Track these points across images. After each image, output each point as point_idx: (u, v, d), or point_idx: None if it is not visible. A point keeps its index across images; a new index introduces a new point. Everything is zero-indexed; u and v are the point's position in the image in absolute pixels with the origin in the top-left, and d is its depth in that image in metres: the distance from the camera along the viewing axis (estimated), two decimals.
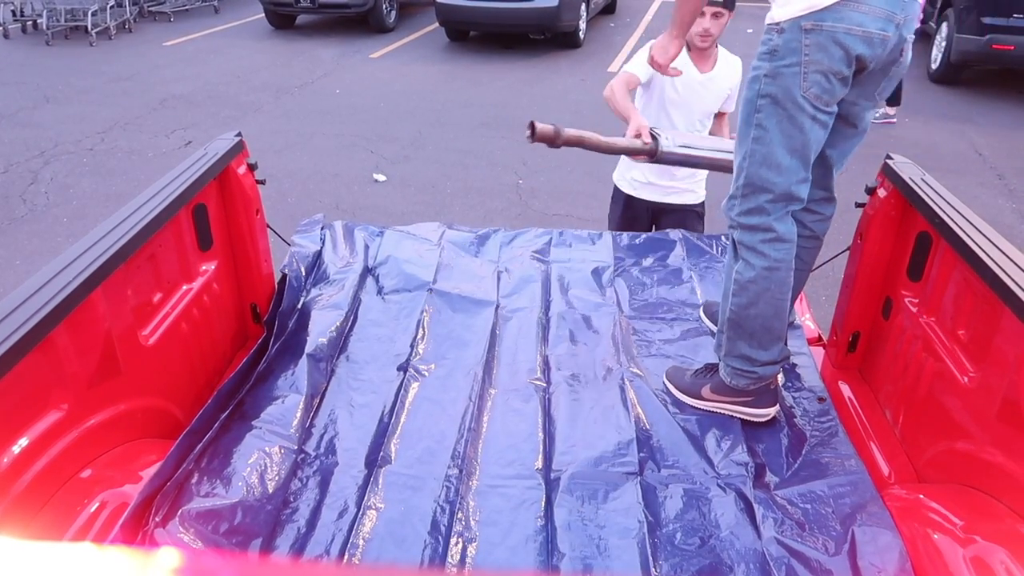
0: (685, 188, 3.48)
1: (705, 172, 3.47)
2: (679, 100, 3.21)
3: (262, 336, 2.54)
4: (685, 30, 2.42)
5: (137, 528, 1.65)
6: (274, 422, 2.08)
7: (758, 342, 2.15)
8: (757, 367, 2.16)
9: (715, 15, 3.04)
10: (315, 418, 2.19)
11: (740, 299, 2.12)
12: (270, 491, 1.87)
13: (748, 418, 2.20)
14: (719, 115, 3.37)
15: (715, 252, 3.09)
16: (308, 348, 2.36)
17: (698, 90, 3.21)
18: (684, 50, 3.13)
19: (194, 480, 1.83)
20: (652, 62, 2.51)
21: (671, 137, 2.62)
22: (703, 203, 3.59)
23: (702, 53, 3.19)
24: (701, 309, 2.73)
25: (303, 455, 2.05)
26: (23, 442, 1.60)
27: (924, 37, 10.00)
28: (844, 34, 1.87)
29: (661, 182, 3.45)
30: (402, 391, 2.31)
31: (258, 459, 1.93)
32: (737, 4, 3.15)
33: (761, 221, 2.06)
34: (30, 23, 12.28)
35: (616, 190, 3.64)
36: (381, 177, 6.57)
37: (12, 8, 12.31)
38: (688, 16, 2.39)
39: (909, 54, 2.02)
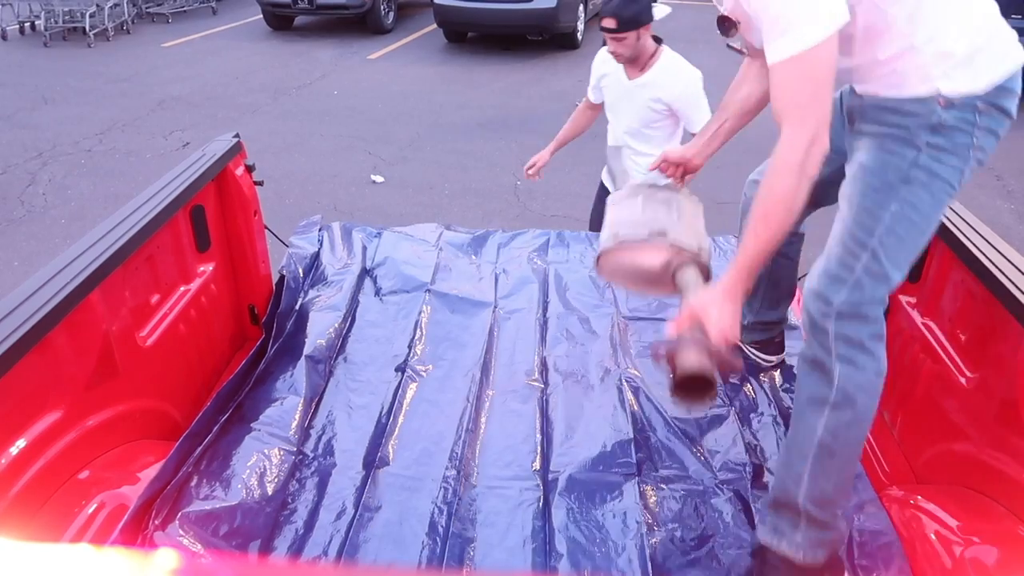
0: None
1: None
2: (612, 105, 3.35)
3: (260, 338, 2.54)
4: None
5: (137, 531, 1.65)
6: (273, 424, 2.08)
7: (843, 483, 1.70)
8: (835, 519, 1.70)
9: (613, 39, 3.07)
10: (313, 419, 2.19)
11: (843, 415, 1.63)
12: (269, 493, 1.87)
13: None
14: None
15: (713, 253, 3.09)
16: (307, 350, 2.36)
17: (625, 96, 3.26)
18: None
19: (193, 483, 1.83)
20: (724, 332, 1.66)
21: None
22: None
23: (631, 62, 3.18)
24: None
25: (302, 456, 2.04)
26: (21, 443, 1.60)
27: None
28: (1004, 123, 1.63)
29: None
30: (400, 392, 2.31)
31: (257, 461, 1.93)
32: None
33: (873, 312, 1.64)
34: (28, 24, 12.27)
35: (602, 187, 3.59)
36: (379, 178, 6.57)
37: (9, 5, 12.29)
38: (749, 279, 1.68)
39: None
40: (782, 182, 1.55)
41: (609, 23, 3.01)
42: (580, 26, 11.36)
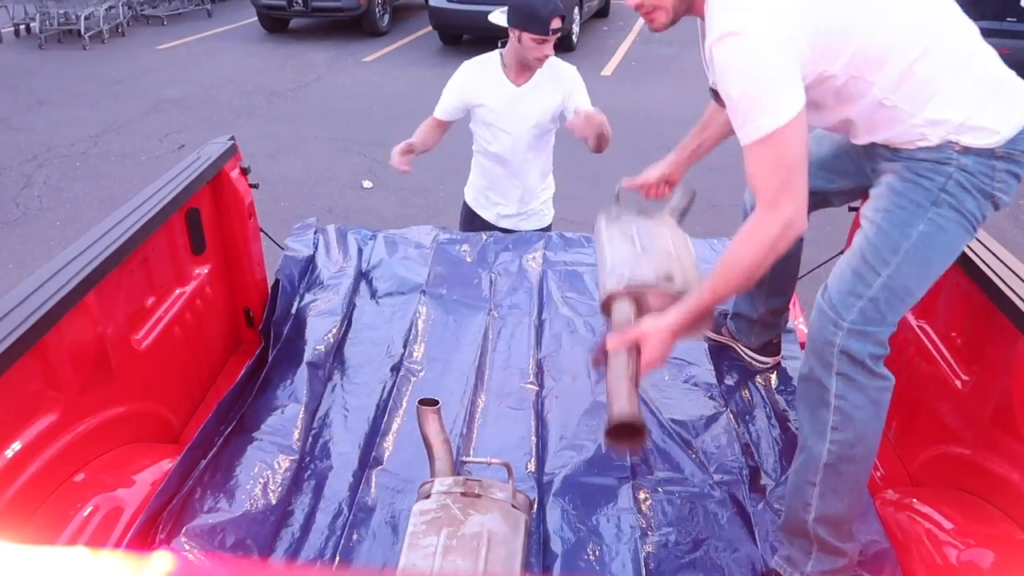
0: (536, 210, 3.46)
1: (551, 191, 3.48)
2: (499, 115, 3.12)
3: (259, 346, 2.53)
4: (690, 330, 1.76)
5: (142, 546, 1.65)
6: (275, 433, 2.07)
7: (855, 501, 1.69)
8: (846, 543, 1.71)
9: (551, 41, 2.93)
10: (312, 424, 2.19)
11: (844, 435, 1.64)
12: (273, 502, 1.87)
13: None
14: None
15: (709, 255, 3.09)
16: (306, 356, 2.35)
17: (514, 103, 3.10)
18: (499, 65, 3.11)
19: (197, 495, 1.83)
20: (653, 364, 1.73)
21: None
22: (551, 224, 3.55)
23: (522, 68, 3.07)
24: None
25: (303, 462, 2.04)
26: (16, 446, 1.60)
27: None
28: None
29: (519, 209, 3.41)
30: (395, 393, 2.30)
31: (260, 471, 1.93)
32: None
33: (882, 334, 1.64)
34: (23, 27, 12.24)
35: (465, 204, 3.60)
36: (368, 184, 6.57)
37: (4, 7, 12.27)
38: (701, 323, 1.78)
39: None
40: (751, 254, 1.59)
41: (556, 23, 2.85)
42: (575, 29, 11.38)
